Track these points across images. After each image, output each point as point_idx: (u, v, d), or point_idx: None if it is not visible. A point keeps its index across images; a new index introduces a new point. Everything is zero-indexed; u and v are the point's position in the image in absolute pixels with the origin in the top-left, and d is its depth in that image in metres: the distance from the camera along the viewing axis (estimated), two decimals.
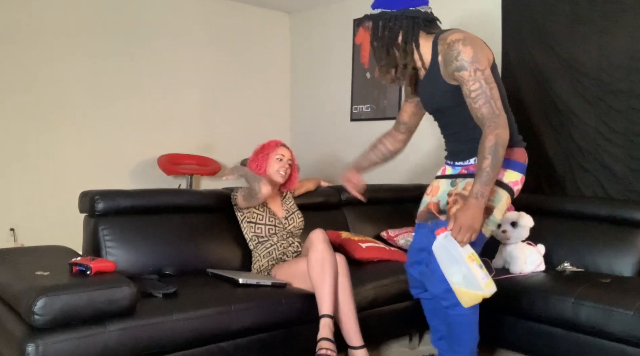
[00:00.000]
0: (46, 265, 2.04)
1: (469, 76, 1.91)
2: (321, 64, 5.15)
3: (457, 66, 1.93)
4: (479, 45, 1.95)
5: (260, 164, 2.78)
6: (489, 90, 1.91)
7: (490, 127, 1.89)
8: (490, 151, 1.88)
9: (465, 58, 1.91)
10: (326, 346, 2.13)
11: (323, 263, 2.29)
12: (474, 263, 1.92)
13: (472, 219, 1.90)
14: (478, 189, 1.90)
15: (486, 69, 1.92)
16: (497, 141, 1.88)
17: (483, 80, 1.90)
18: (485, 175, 1.89)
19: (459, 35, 1.95)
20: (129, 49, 4.47)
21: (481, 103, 1.91)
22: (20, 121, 4.01)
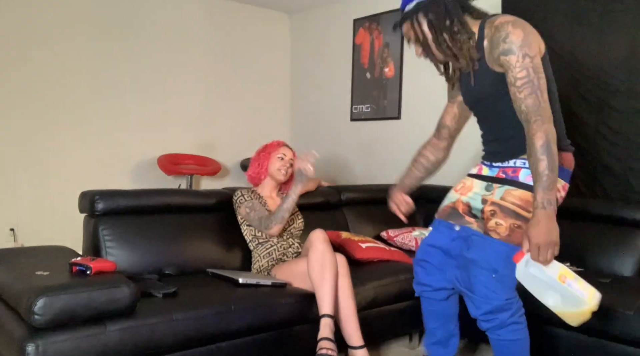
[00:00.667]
0: (46, 265, 2.04)
1: (517, 61, 1.71)
2: (321, 64, 5.15)
3: (504, 49, 1.72)
4: (530, 31, 1.75)
5: (261, 162, 2.79)
6: (537, 79, 1.70)
7: (537, 122, 1.69)
8: (544, 150, 1.67)
9: (515, 41, 1.71)
10: (327, 346, 2.13)
11: (323, 262, 2.29)
12: (567, 281, 1.73)
13: (547, 233, 1.72)
14: (542, 197, 1.69)
15: (536, 56, 1.72)
16: (547, 138, 1.67)
17: (531, 68, 1.70)
18: (545, 179, 1.67)
19: (509, 18, 1.76)
20: (129, 49, 4.47)
21: (527, 93, 1.70)
22: (20, 121, 4.01)
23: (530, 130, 1.70)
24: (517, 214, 1.83)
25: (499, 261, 1.87)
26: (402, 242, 3.32)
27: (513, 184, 1.85)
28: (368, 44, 4.67)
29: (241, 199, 2.72)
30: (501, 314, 1.91)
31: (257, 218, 2.64)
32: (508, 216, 1.84)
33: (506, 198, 1.85)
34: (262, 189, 2.83)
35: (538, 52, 1.75)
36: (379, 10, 4.56)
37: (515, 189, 1.85)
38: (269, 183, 2.82)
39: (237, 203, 2.73)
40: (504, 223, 1.84)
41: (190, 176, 4.57)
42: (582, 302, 1.73)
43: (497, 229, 1.85)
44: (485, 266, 1.89)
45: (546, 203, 1.70)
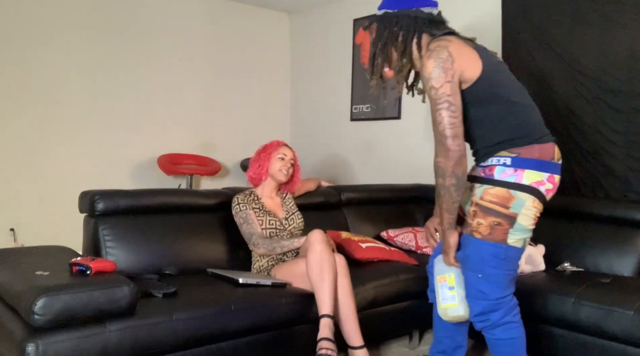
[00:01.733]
0: (46, 265, 2.04)
1: (427, 93, 1.88)
2: (321, 64, 5.15)
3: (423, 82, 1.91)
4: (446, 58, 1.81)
5: (262, 163, 2.78)
6: (434, 112, 1.84)
7: (435, 153, 1.89)
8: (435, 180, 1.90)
9: (424, 74, 1.85)
10: (326, 346, 2.13)
11: (322, 263, 2.29)
12: (442, 283, 2.07)
13: (444, 244, 1.98)
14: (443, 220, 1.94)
15: (443, 85, 1.80)
16: (435, 171, 1.88)
17: (433, 100, 1.84)
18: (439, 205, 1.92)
19: (433, 45, 1.86)
20: (129, 49, 4.47)
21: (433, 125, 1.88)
22: (20, 121, 4.01)
23: None
24: (496, 212, 1.88)
25: (483, 261, 1.92)
26: (402, 242, 3.32)
27: (489, 182, 1.92)
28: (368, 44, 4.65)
29: (237, 207, 2.71)
30: (493, 314, 1.94)
31: (249, 232, 2.64)
32: (487, 215, 1.90)
33: (484, 197, 1.91)
34: (261, 189, 2.83)
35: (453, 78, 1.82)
36: None
37: (491, 187, 1.91)
38: (269, 183, 2.82)
39: (233, 211, 2.73)
40: (484, 222, 1.90)
41: (190, 176, 4.57)
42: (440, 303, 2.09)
43: (478, 229, 1.91)
44: (471, 267, 1.95)
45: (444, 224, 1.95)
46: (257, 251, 2.63)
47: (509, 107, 1.92)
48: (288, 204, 2.86)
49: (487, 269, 1.91)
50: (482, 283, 1.92)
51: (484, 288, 1.92)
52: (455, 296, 2.02)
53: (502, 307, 1.94)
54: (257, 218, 2.69)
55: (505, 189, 1.88)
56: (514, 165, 1.88)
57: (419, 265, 2.99)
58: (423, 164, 4.23)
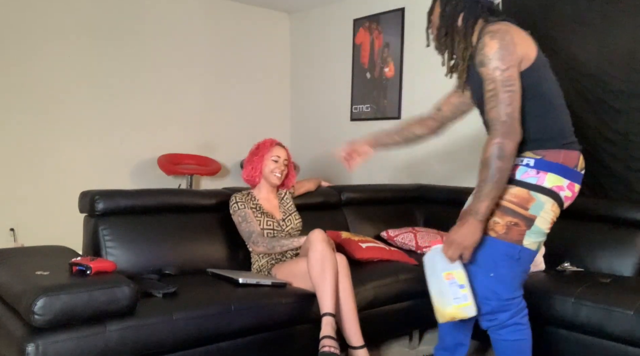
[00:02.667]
0: (46, 265, 2.04)
1: (487, 73, 1.78)
2: (321, 64, 5.15)
3: (480, 60, 1.80)
4: (510, 42, 1.77)
5: (255, 166, 2.77)
6: (503, 93, 1.75)
7: (492, 133, 1.77)
8: (487, 162, 1.76)
9: (488, 53, 1.76)
10: (329, 343, 2.13)
11: (323, 262, 2.29)
12: (451, 280, 1.88)
13: (463, 237, 1.82)
14: (473, 205, 1.79)
15: (509, 68, 1.75)
16: (493, 152, 1.75)
17: (500, 81, 1.75)
18: (478, 190, 1.78)
19: (494, 28, 1.80)
20: (129, 49, 4.47)
21: (491, 106, 1.77)
22: (20, 121, 4.01)
23: (487, 139, 1.80)
24: (514, 212, 1.85)
25: (497, 261, 1.88)
26: (402, 242, 3.32)
27: (510, 182, 1.86)
28: (368, 44, 4.67)
29: (235, 206, 2.71)
30: (501, 314, 1.92)
31: (248, 230, 2.63)
32: (505, 214, 1.86)
33: (503, 195, 1.86)
34: (258, 190, 2.82)
35: (516, 63, 1.78)
36: (379, 10, 4.57)
37: (512, 186, 1.86)
38: (265, 184, 2.81)
39: (231, 210, 2.73)
40: (500, 220, 1.86)
41: (190, 176, 4.57)
42: (448, 304, 1.89)
43: (494, 227, 1.87)
44: (483, 265, 1.91)
45: (473, 212, 1.80)
46: (257, 250, 2.63)
47: (544, 106, 1.86)
48: (286, 204, 2.86)
49: (499, 268, 1.88)
50: (493, 282, 1.89)
51: (495, 288, 1.90)
52: (467, 295, 1.89)
53: (511, 308, 1.92)
54: (255, 219, 2.69)
55: (525, 190, 1.84)
56: (537, 167, 1.84)
57: (419, 265, 2.99)
58: (423, 164, 4.24)
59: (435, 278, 1.92)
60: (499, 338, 1.96)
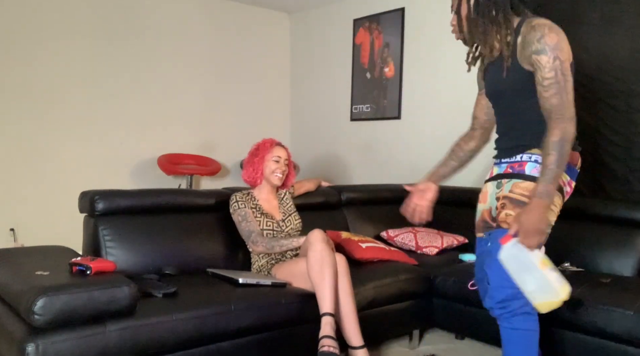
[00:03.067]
0: (46, 265, 2.04)
1: (547, 61, 1.80)
2: (321, 64, 5.15)
3: (537, 48, 1.82)
4: (564, 38, 1.84)
5: (256, 167, 2.76)
6: (564, 81, 1.80)
7: (558, 120, 1.79)
8: (555, 146, 1.76)
9: (549, 42, 1.80)
10: (328, 343, 2.13)
11: (322, 262, 2.29)
12: (546, 268, 1.80)
13: (538, 221, 1.78)
14: (542, 188, 1.78)
15: (566, 61, 1.81)
16: (562, 136, 1.77)
17: (560, 70, 1.80)
18: (549, 172, 1.77)
19: (547, 21, 1.85)
20: (129, 49, 4.47)
21: (552, 92, 1.80)
22: (20, 121, 4.02)
23: (549, 126, 1.79)
24: (525, 204, 1.86)
25: None
26: (402, 242, 3.32)
27: (520, 177, 1.91)
28: (368, 44, 4.67)
29: (235, 205, 2.71)
30: (513, 302, 1.93)
31: (247, 230, 2.63)
32: (517, 207, 1.89)
33: (514, 190, 1.91)
34: (258, 191, 2.81)
35: (568, 58, 1.83)
36: (379, 10, 4.57)
37: (522, 181, 1.91)
38: (266, 185, 2.81)
39: (232, 209, 2.73)
40: (513, 213, 1.89)
41: (190, 176, 4.57)
42: (555, 291, 1.79)
43: (507, 219, 1.90)
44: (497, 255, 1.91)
45: (544, 194, 1.78)
46: (256, 249, 2.63)
47: None
48: (285, 205, 2.86)
49: None
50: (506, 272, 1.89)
51: (508, 276, 1.90)
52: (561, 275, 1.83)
53: (524, 297, 1.91)
54: (255, 219, 2.69)
55: (534, 183, 1.86)
56: None
57: (419, 265, 2.99)
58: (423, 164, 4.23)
59: (530, 274, 1.81)
60: (510, 327, 1.96)
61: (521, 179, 1.91)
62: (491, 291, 1.97)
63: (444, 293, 2.83)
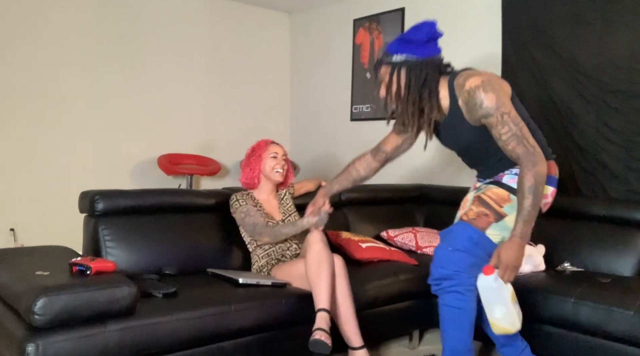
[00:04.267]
0: (46, 265, 2.04)
1: (497, 121, 1.94)
2: (321, 64, 5.15)
3: (482, 113, 1.96)
4: (498, 87, 1.97)
5: (253, 167, 2.76)
6: (519, 130, 1.94)
7: (527, 166, 1.92)
8: (530, 190, 1.91)
9: (489, 105, 1.94)
10: (320, 333, 2.12)
11: (319, 261, 2.29)
12: (513, 302, 2.03)
13: (515, 259, 1.95)
14: (521, 229, 1.93)
15: (511, 110, 1.95)
16: (536, 180, 1.91)
17: (511, 122, 1.93)
18: (526, 214, 1.92)
19: (476, 81, 1.97)
20: (129, 49, 4.47)
21: (514, 144, 1.94)
22: (20, 121, 4.01)
23: (521, 172, 1.95)
24: (489, 205, 2.08)
25: (458, 239, 2.10)
26: (402, 242, 3.32)
27: (495, 183, 2.12)
28: (368, 44, 4.67)
29: (236, 204, 2.71)
30: (446, 281, 2.11)
31: (252, 223, 2.63)
32: (481, 205, 2.09)
33: (486, 192, 2.11)
34: (258, 192, 2.81)
35: (510, 104, 1.97)
36: (379, 10, 4.57)
37: (495, 187, 2.11)
38: (266, 184, 2.80)
39: (233, 208, 2.72)
40: (474, 208, 2.10)
41: (190, 176, 4.57)
42: (515, 324, 2.04)
43: (467, 213, 2.11)
44: (447, 241, 2.14)
45: (523, 234, 1.94)
46: (262, 240, 2.62)
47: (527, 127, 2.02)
48: (285, 205, 2.85)
49: (457, 246, 2.08)
50: (449, 254, 2.10)
51: (449, 258, 2.10)
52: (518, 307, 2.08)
53: (456, 279, 2.09)
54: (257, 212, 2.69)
55: (507, 192, 2.07)
56: None
57: (419, 265, 2.99)
58: (423, 165, 4.23)
59: (502, 305, 2.01)
60: (442, 303, 2.14)
61: (496, 186, 2.10)
62: (432, 268, 2.15)
63: None
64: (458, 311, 2.11)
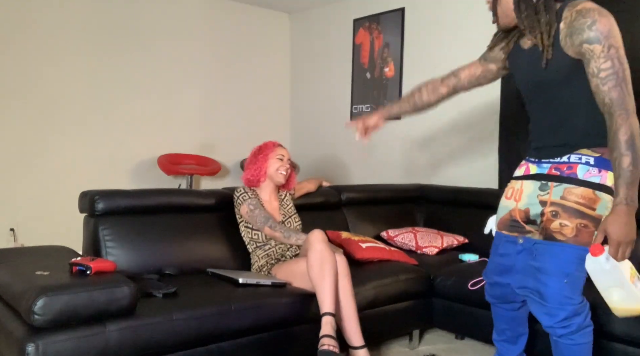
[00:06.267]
0: (46, 265, 2.04)
1: (601, 51, 1.66)
2: (321, 64, 5.15)
3: (589, 37, 1.66)
4: (614, 22, 1.68)
5: (259, 165, 2.77)
6: (622, 71, 1.65)
7: (622, 116, 1.62)
8: (629, 146, 1.60)
9: (602, 29, 1.65)
10: (328, 342, 2.13)
11: (322, 262, 2.29)
12: (635, 280, 1.71)
13: (627, 231, 1.63)
14: (625, 193, 1.62)
15: (621, 47, 1.67)
16: (632, 132, 1.61)
17: (617, 59, 1.66)
18: (629, 175, 1.60)
19: (594, 5, 1.68)
20: (129, 49, 4.48)
21: (611, 85, 1.64)
22: (20, 121, 4.02)
23: (615, 124, 1.63)
24: (582, 213, 1.75)
25: (570, 265, 1.79)
26: (402, 242, 3.32)
27: (571, 182, 1.77)
28: (368, 44, 4.67)
29: (244, 195, 2.71)
30: (577, 318, 1.85)
31: (264, 216, 2.63)
32: (573, 216, 1.76)
33: (567, 197, 1.77)
34: (260, 192, 2.82)
35: (622, 45, 1.70)
36: (379, 10, 4.57)
37: (575, 187, 1.77)
38: (268, 185, 2.81)
39: (239, 200, 2.72)
40: (569, 223, 1.76)
41: (190, 176, 4.58)
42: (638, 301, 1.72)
43: (562, 230, 1.77)
44: (556, 273, 1.81)
45: (629, 200, 1.62)
46: (273, 235, 2.61)
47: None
48: (286, 206, 2.86)
49: (573, 272, 1.79)
50: (568, 288, 1.81)
51: (570, 293, 1.82)
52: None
53: (585, 310, 1.86)
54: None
55: (590, 189, 1.75)
56: (597, 165, 1.76)
57: (419, 265, 2.99)
58: (423, 164, 4.24)
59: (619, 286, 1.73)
60: (572, 343, 1.86)
61: (574, 185, 1.76)
62: (551, 310, 1.84)
63: (444, 293, 2.83)
64: (590, 344, 1.86)
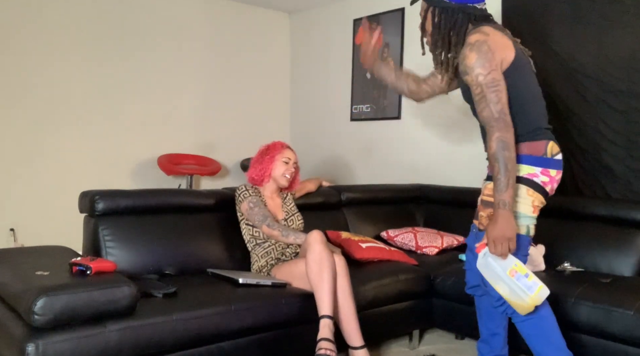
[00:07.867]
0: (46, 265, 2.04)
1: (471, 80, 1.94)
2: (321, 64, 5.15)
3: (462, 70, 1.97)
4: (486, 50, 1.92)
5: (265, 166, 2.77)
6: (490, 93, 1.90)
7: (490, 132, 1.91)
8: (495, 157, 1.89)
9: (468, 63, 1.93)
10: (326, 346, 2.13)
11: (321, 263, 2.29)
12: (517, 274, 1.91)
13: (502, 230, 1.89)
14: (497, 199, 1.89)
15: (491, 72, 1.91)
16: (498, 145, 1.88)
17: (484, 84, 1.91)
18: (498, 182, 1.88)
19: (473, 38, 1.95)
20: (129, 49, 4.48)
21: (482, 106, 1.93)
22: (20, 121, 4.02)
23: (488, 138, 1.92)
24: (490, 203, 2.00)
25: None
26: (402, 242, 3.32)
27: (490, 178, 2.02)
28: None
29: (245, 193, 2.71)
30: None
31: (262, 214, 2.63)
32: (486, 207, 2.04)
33: (484, 191, 2.07)
34: (263, 190, 2.82)
35: (497, 67, 1.93)
36: (379, 10, 4.57)
37: (487, 182, 2.06)
38: (271, 185, 2.81)
39: (241, 197, 2.71)
40: (483, 214, 2.05)
41: (190, 176, 4.58)
42: (526, 297, 1.91)
43: (480, 220, 2.06)
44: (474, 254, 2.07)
45: (501, 204, 1.89)
46: (270, 233, 2.60)
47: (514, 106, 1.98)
48: (288, 205, 2.86)
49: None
50: None
51: None
52: (535, 279, 1.93)
53: None
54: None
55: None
56: None
57: (419, 265, 2.99)
58: (423, 164, 4.24)
59: (500, 281, 1.95)
60: (519, 321, 2.03)
61: (490, 180, 2.02)
62: (490, 291, 2.04)
63: (444, 293, 2.83)
64: (540, 321, 2.01)
